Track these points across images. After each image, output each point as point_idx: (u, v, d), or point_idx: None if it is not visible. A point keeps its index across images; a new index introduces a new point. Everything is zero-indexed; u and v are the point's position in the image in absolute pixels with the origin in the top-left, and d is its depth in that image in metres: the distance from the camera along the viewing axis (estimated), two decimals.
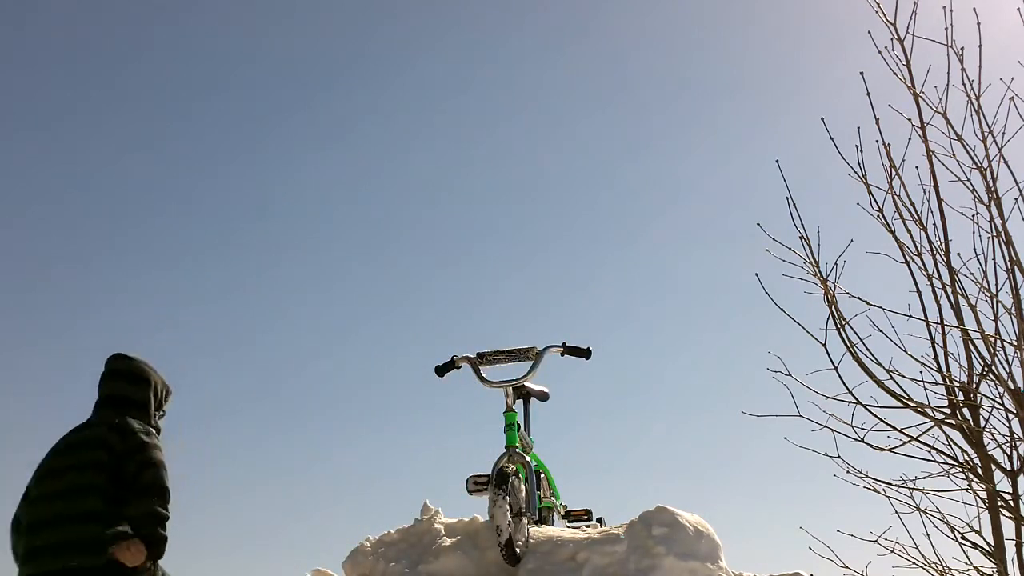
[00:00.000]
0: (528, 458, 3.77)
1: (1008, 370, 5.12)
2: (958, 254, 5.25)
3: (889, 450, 5.26)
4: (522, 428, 3.92)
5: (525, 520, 3.59)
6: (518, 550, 3.48)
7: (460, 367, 3.93)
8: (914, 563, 5.23)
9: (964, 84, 5.21)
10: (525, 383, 3.89)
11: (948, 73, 5.24)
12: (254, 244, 17.50)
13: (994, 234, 5.18)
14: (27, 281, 16.89)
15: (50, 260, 17.23)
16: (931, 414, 5.21)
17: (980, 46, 5.18)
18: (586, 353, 4.05)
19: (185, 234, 17.33)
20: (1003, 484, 5.19)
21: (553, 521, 4.19)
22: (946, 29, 5.23)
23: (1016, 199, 5.14)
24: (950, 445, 5.25)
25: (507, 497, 3.43)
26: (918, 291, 5.29)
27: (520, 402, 4.13)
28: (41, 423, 15.84)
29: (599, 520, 4.19)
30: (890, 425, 5.22)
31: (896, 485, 5.30)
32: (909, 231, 5.28)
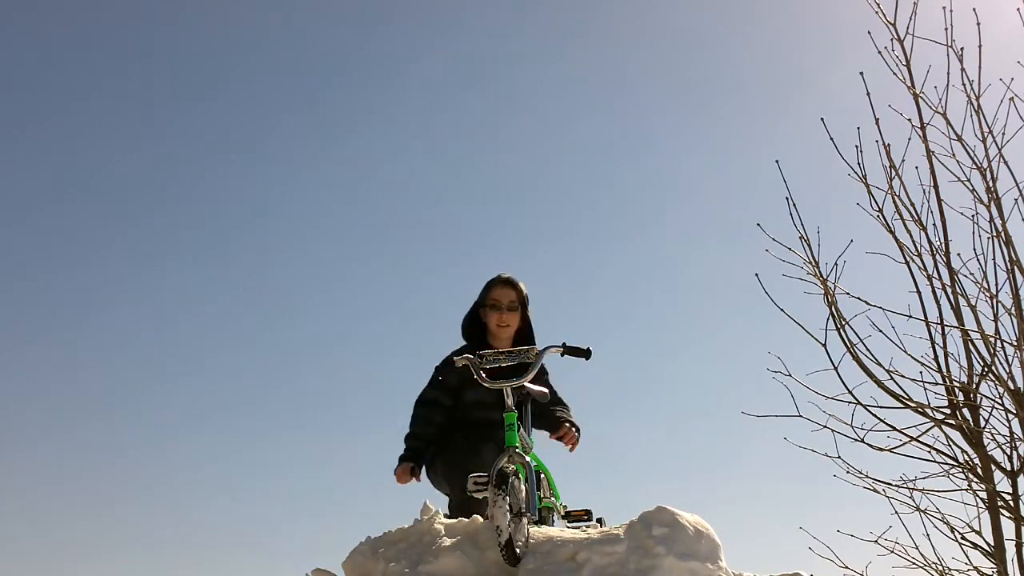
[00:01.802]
0: (528, 458, 3.77)
1: (1008, 370, 5.13)
2: (958, 254, 5.26)
3: (889, 450, 5.27)
4: (522, 428, 3.92)
5: (525, 520, 3.59)
6: (518, 550, 3.48)
7: (460, 367, 3.92)
8: (914, 563, 5.24)
9: (964, 84, 5.22)
10: (525, 384, 3.87)
11: (948, 73, 5.25)
12: (254, 244, 17.49)
13: (994, 234, 5.19)
14: (27, 281, 16.89)
15: (50, 260, 17.23)
16: (931, 414, 5.21)
17: (980, 46, 5.19)
18: (586, 353, 4.05)
19: (185, 234, 17.32)
20: (1003, 484, 5.20)
21: (553, 521, 4.19)
22: (946, 29, 5.25)
23: (1016, 199, 5.16)
24: (950, 445, 5.26)
25: (507, 497, 3.43)
26: (918, 291, 5.30)
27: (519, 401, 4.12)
28: (41, 423, 15.86)
29: (599, 520, 4.18)
30: (890, 425, 5.23)
31: (896, 485, 5.31)
32: (909, 231, 5.29)
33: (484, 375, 3.82)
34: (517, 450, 3.65)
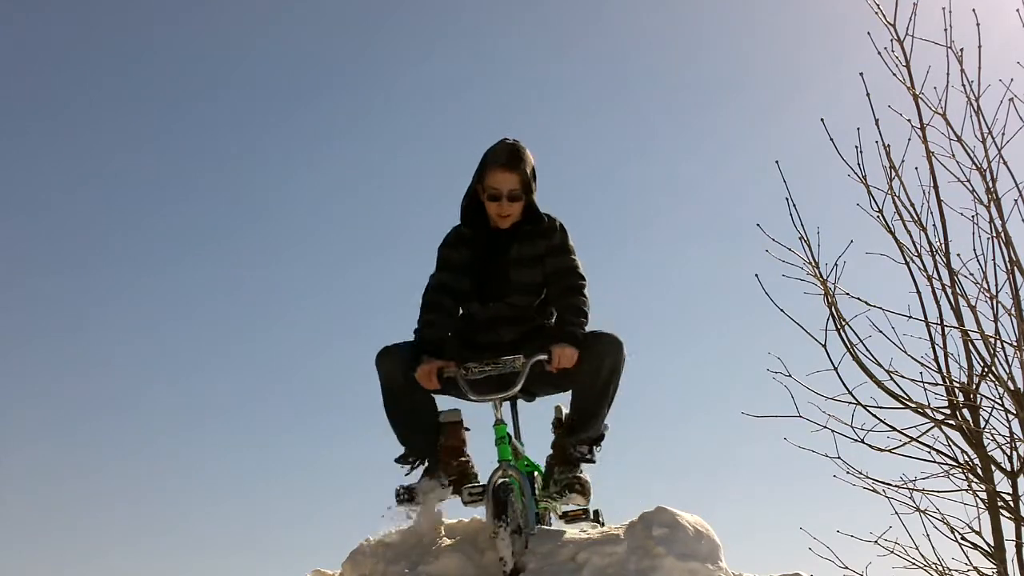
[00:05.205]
0: (520, 468, 3.75)
1: (1008, 371, 5.13)
2: (958, 255, 5.26)
3: (889, 451, 5.27)
4: (513, 438, 3.86)
5: (524, 535, 3.57)
6: (517, 565, 3.47)
7: (451, 375, 3.78)
8: (914, 564, 5.24)
9: (964, 85, 5.21)
10: (514, 393, 3.74)
11: (948, 74, 5.24)
12: (255, 244, 17.48)
13: (994, 235, 5.18)
14: (27, 281, 16.89)
15: (50, 260, 17.23)
16: (931, 415, 5.21)
17: (980, 47, 5.19)
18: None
19: (185, 234, 17.31)
20: (1003, 485, 5.20)
21: (550, 522, 4.18)
22: (945, 30, 5.24)
23: (1016, 200, 5.15)
24: (950, 446, 5.26)
25: (507, 527, 3.39)
26: (918, 292, 5.30)
27: (507, 404, 4.06)
28: (41, 423, 15.86)
29: (596, 512, 4.16)
30: (890, 426, 5.23)
31: (896, 486, 5.31)
32: (909, 232, 5.29)
33: (470, 388, 3.69)
34: (511, 463, 3.63)
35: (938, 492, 5.29)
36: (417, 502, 3.85)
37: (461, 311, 4.05)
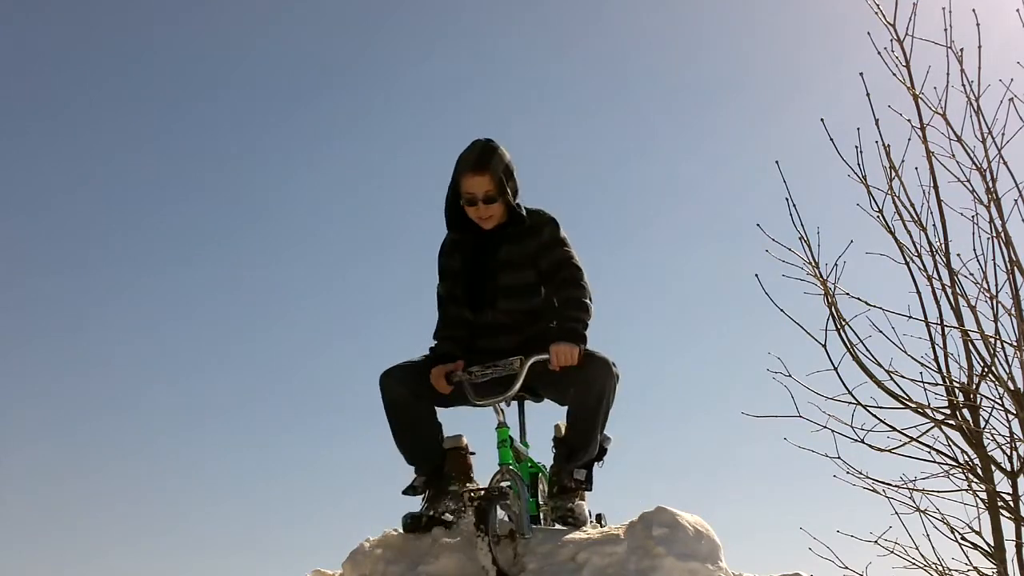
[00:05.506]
0: (521, 471, 3.73)
1: (1008, 371, 5.13)
2: (958, 255, 5.26)
3: (889, 451, 5.26)
4: (515, 441, 3.84)
5: (517, 539, 3.56)
6: (507, 568, 3.46)
7: (459, 379, 3.78)
8: (914, 564, 5.24)
9: (964, 85, 5.21)
10: (513, 394, 3.64)
11: (947, 74, 5.24)
12: (255, 244, 17.48)
13: (994, 235, 5.18)
14: (27, 281, 16.90)
15: (50, 260, 17.23)
16: (931, 415, 5.21)
17: (979, 47, 5.19)
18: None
19: (184, 234, 17.31)
20: (1003, 485, 5.20)
21: (553, 522, 4.18)
22: (945, 30, 5.24)
23: (1016, 200, 5.15)
24: (950, 446, 5.26)
25: (485, 537, 3.38)
26: (918, 292, 5.30)
27: (515, 404, 4.06)
28: (41, 423, 15.87)
29: (599, 516, 4.16)
30: (890, 426, 5.23)
31: (896, 486, 5.31)
32: (909, 232, 5.29)
33: (474, 391, 3.68)
34: (511, 467, 3.62)
35: (938, 492, 5.29)
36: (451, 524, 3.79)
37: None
